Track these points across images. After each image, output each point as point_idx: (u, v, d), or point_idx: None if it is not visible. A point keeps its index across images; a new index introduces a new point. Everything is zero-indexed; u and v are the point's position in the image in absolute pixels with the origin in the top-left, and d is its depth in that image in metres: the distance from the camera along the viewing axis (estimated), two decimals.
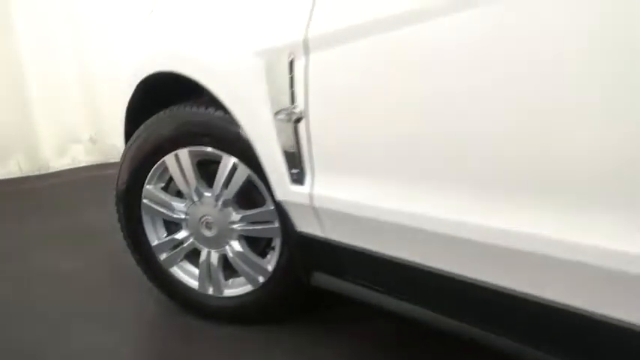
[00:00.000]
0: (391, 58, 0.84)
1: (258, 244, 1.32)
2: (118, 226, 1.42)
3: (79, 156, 3.10)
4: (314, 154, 0.99)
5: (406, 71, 0.83)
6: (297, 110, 0.99)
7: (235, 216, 1.28)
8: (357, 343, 1.28)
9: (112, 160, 2.93)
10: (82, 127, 3.07)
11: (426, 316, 0.99)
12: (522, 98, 0.70)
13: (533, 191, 0.72)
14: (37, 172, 3.02)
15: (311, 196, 1.02)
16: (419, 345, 1.25)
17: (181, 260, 1.42)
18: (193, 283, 1.41)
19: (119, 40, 2.94)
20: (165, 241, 1.40)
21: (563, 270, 0.70)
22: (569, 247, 0.69)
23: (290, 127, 1.00)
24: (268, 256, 1.31)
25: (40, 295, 1.61)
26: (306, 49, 0.94)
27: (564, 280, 0.72)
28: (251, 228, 1.28)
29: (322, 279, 1.17)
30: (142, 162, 1.34)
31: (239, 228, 1.29)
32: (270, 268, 1.29)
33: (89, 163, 3.10)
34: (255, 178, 1.19)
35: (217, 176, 1.25)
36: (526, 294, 0.77)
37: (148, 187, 1.36)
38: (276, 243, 1.26)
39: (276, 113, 1.02)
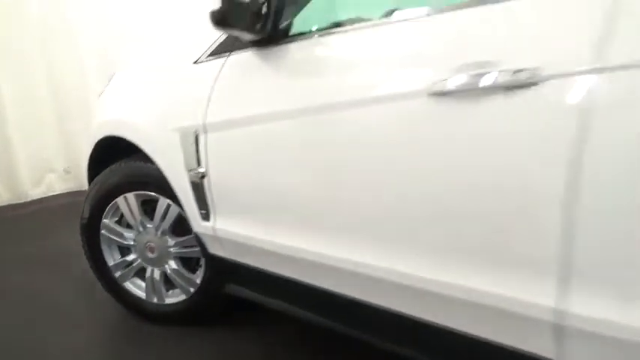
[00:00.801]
0: (255, 139, 1.30)
1: (190, 263, 1.76)
2: None
3: (54, 185, 3.51)
4: (214, 200, 1.44)
5: (265, 148, 1.29)
6: (201, 170, 1.44)
7: (171, 242, 1.72)
8: (267, 338, 1.72)
9: (84, 188, 3.33)
10: (56, 159, 3.48)
11: (306, 316, 1.42)
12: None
13: (366, 227, 1.12)
14: (16, 201, 3.42)
15: (214, 229, 1.47)
16: (319, 342, 1.69)
17: (132, 277, 1.85)
18: (142, 294, 1.83)
19: (93, 84, 3.38)
20: (119, 262, 1.83)
21: (379, 283, 1.14)
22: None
23: (198, 181, 1.45)
24: (197, 272, 1.74)
25: (15, 303, 2.02)
26: (205, 130, 1.40)
27: (384, 289, 1.13)
28: (183, 251, 1.72)
29: (232, 289, 1.62)
30: (99, 202, 1.78)
31: (174, 251, 1.73)
32: (198, 281, 1.72)
33: (63, 191, 3.50)
34: (183, 213, 1.63)
35: (156, 212, 1.70)
36: (355, 298, 1.19)
37: (105, 220, 1.80)
38: (202, 262, 1.70)
39: (189, 171, 1.47)
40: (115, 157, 1.78)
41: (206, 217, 1.48)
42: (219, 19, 1.12)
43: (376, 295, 1.16)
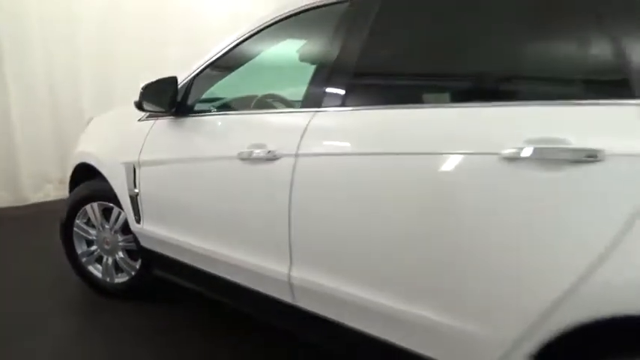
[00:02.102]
0: (166, 173, 2.13)
1: (133, 254, 2.57)
2: None
3: (50, 192, 4.36)
4: (143, 210, 2.26)
5: (171, 179, 2.11)
6: (136, 190, 2.27)
7: (120, 238, 2.54)
8: (177, 310, 2.51)
9: None
10: (53, 172, 4.33)
11: (207, 294, 2.20)
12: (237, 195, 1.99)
13: (232, 229, 1.94)
14: (19, 204, 4.28)
15: (143, 229, 2.28)
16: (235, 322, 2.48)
17: (93, 262, 2.66)
18: (99, 275, 2.64)
19: (86, 112, 4.26)
20: (85, 251, 2.64)
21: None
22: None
23: (134, 197, 2.28)
24: (137, 260, 2.55)
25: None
26: (139, 165, 2.23)
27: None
28: (128, 244, 2.53)
29: (158, 272, 2.42)
30: (74, 208, 2.60)
31: (122, 244, 2.54)
32: (137, 266, 2.53)
33: (57, 198, 4.35)
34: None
35: (111, 217, 2.52)
36: (231, 280, 1.95)
37: (77, 221, 2.62)
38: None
39: (129, 190, 2.30)
40: (86, 177, 2.62)
41: (138, 221, 2.30)
42: (139, 104, 1.96)
43: (245, 280, 1.90)
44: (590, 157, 1.03)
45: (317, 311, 1.60)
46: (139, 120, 2.31)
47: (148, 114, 2.26)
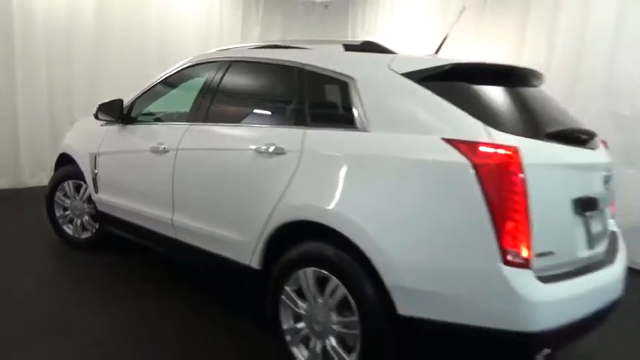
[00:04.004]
0: (113, 160, 3.38)
1: (94, 217, 3.80)
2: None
3: (44, 179, 5.62)
4: (99, 184, 3.50)
5: (116, 164, 3.36)
6: (96, 171, 3.51)
7: (86, 206, 3.78)
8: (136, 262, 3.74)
9: None
10: (47, 162, 5.60)
11: (146, 244, 3.42)
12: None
13: (156, 198, 3.15)
14: (19, 187, 5.56)
15: (99, 197, 3.52)
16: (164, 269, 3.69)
17: (67, 223, 3.90)
18: (70, 232, 3.88)
19: (77, 115, 5.55)
20: (61, 215, 3.89)
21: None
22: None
23: (94, 176, 3.52)
24: (97, 223, 3.79)
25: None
26: (98, 154, 3.48)
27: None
28: (91, 210, 3.77)
29: (111, 229, 3.64)
30: (55, 185, 3.86)
31: (87, 210, 3.78)
32: (97, 226, 3.77)
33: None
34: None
35: (81, 191, 3.77)
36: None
37: (57, 194, 3.87)
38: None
39: (91, 172, 3.55)
40: (66, 163, 3.87)
41: (97, 192, 3.54)
42: (95, 115, 3.23)
43: (152, 225, 3.12)
44: (281, 152, 2.26)
45: (186, 240, 2.82)
46: (101, 125, 3.55)
47: (105, 122, 3.50)
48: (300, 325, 2.20)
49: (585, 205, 2.01)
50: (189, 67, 3.13)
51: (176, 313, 2.84)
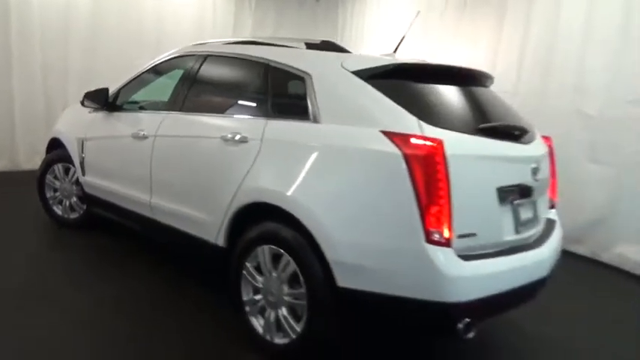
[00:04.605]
0: (99, 145, 3.61)
1: (82, 199, 4.04)
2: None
3: (38, 162, 5.83)
4: (86, 168, 3.73)
5: (102, 148, 3.59)
6: (83, 155, 3.75)
7: (74, 188, 4.02)
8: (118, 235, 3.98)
9: None
10: (41, 147, 5.81)
11: (127, 223, 3.66)
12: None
13: (138, 182, 3.38)
14: (15, 169, 5.80)
15: (85, 179, 3.76)
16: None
17: (56, 204, 4.14)
18: (60, 212, 4.12)
19: (72, 99, 5.76)
20: (51, 196, 4.12)
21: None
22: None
23: (81, 160, 3.75)
24: (84, 203, 4.03)
25: None
26: (85, 140, 3.71)
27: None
28: (79, 192, 4.01)
29: (96, 210, 3.88)
30: (46, 167, 4.09)
31: (75, 192, 4.02)
32: (84, 207, 4.01)
33: None
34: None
35: (70, 174, 4.01)
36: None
37: (48, 176, 4.10)
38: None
39: (79, 155, 3.78)
40: (56, 147, 4.10)
41: (83, 174, 3.77)
42: (81, 102, 3.45)
43: (132, 206, 3.35)
44: (245, 141, 2.49)
45: (162, 220, 3.05)
46: (89, 112, 3.78)
47: (92, 109, 3.73)
48: (258, 297, 2.44)
49: (512, 194, 2.24)
50: (170, 59, 3.34)
51: (161, 293, 3.06)
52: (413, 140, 1.97)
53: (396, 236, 1.97)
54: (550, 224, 2.72)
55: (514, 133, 2.33)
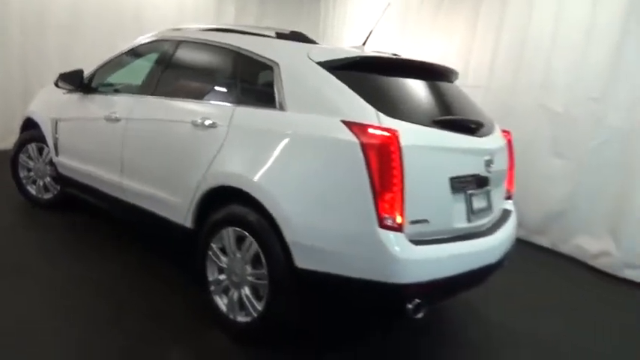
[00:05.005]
0: (72, 126, 3.64)
1: (55, 178, 4.06)
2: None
3: (13, 141, 5.82)
4: (59, 148, 3.76)
5: (74, 129, 3.62)
6: (57, 136, 3.77)
7: (47, 168, 4.04)
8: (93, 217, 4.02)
9: None
10: (18, 126, 5.80)
11: (99, 204, 3.70)
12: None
13: (110, 163, 3.41)
14: None
15: (58, 160, 3.79)
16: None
17: (30, 184, 4.16)
18: (34, 192, 4.14)
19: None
20: (25, 176, 4.14)
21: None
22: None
23: (55, 140, 3.78)
24: (58, 184, 4.05)
25: None
26: (59, 120, 3.73)
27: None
28: (52, 172, 4.03)
29: (69, 190, 3.92)
30: (20, 147, 4.10)
31: (49, 172, 4.04)
32: (58, 188, 4.04)
33: None
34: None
35: (44, 154, 4.03)
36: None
37: (21, 155, 4.12)
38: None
39: (52, 135, 3.80)
40: (31, 127, 4.11)
41: (57, 155, 3.80)
42: (55, 83, 3.47)
43: (105, 188, 3.41)
44: (213, 126, 2.56)
45: (133, 202, 3.12)
46: (63, 93, 3.79)
47: (67, 90, 3.74)
48: (222, 277, 2.53)
49: (465, 184, 2.36)
50: (146, 43, 3.38)
51: (133, 272, 3.14)
52: (370, 130, 2.07)
53: (352, 221, 2.08)
54: (505, 214, 2.85)
55: (470, 126, 2.45)
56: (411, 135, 2.11)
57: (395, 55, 3.04)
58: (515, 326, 3.03)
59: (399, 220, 2.04)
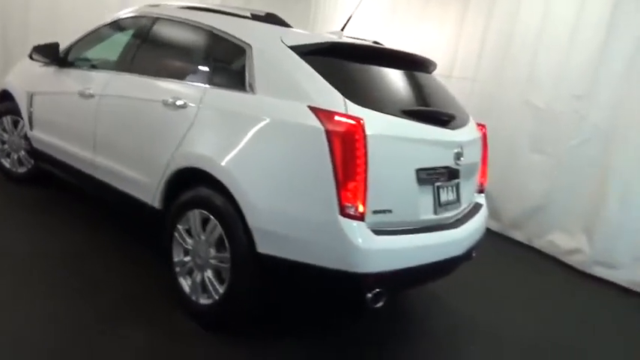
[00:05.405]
0: (47, 100, 3.57)
1: (30, 153, 4.00)
2: None
3: None
4: (34, 122, 3.70)
5: (49, 103, 3.56)
6: (31, 109, 3.71)
7: (22, 141, 3.97)
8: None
9: None
10: None
11: (69, 179, 3.66)
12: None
13: (83, 138, 3.36)
14: None
15: (33, 134, 3.73)
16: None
17: (4, 157, 4.09)
18: (8, 166, 4.08)
19: None
20: (2, 149, 4.08)
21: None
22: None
23: (30, 114, 3.71)
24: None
25: None
26: (34, 94, 3.66)
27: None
28: (27, 146, 3.97)
29: (41, 165, 3.86)
30: None
31: (24, 146, 3.98)
32: (33, 162, 3.98)
33: None
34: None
35: (19, 127, 3.96)
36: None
37: None
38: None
39: (27, 109, 3.73)
40: (7, 99, 4.03)
41: (31, 128, 3.74)
42: (30, 55, 3.40)
43: (77, 164, 3.36)
44: (183, 106, 2.52)
45: (104, 179, 3.08)
46: (40, 66, 3.72)
47: (44, 63, 3.67)
48: (187, 258, 2.52)
49: (433, 176, 2.35)
50: (124, 18, 3.32)
51: (101, 249, 3.13)
52: (336, 117, 2.04)
53: (313, 208, 2.06)
54: (476, 207, 2.86)
55: (440, 118, 2.43)
56: (378, 124, 2.09)
57: (375, 42, 3.02)
58: (481, 318, 3.06)
59: (361, 209, 2.03)
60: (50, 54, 3.49)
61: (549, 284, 3.89)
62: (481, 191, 3.00)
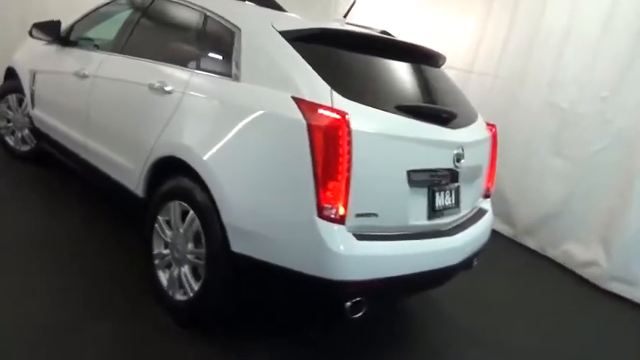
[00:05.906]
0: (50, 78, 3.49)
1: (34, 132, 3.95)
2: None
3: None
4: (36, 100, 3.63)
5: (52, 82, 3.48)
6: (33, 88, 3.64)
7: (26, 120, 3.92)
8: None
9: None
10: None
11: (66, 162, 3.58)
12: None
13: (78, 120, 3.28)
14: None
15: (34, 113, 3.66)
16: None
17: (9, 134, 4.05)
18: (12, 144, 4.04)
19: None
20: (4, 126, 4.03)
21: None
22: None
23: (32, 93, 3.65)
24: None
25: None
26: (36, 72, 3.59)
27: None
28: (30, 125, 3.91)
29: (43, 145, 3.80)
30: (0, 97, 3.99)
31: (27, 124, 3.93)
32: (35, 141, 3.93)
33: None
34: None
35: (23, 105, 3.90)
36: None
37: (1, 105, 4.00)
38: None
39: (30, 87, 3.67)
40: (13, 77, 3.98)
41: (33, 107, 3.67)
42: (30, 32, 3.31)
43: (70, 145, 3.28)
44: (169, 92, 2.38)
45: (93, 163, 2.98)
46: (43, 44, 3.64)
47: (47, 41, 3.58)
48: (166, 251, 2.39)
49: (428, 179, 2.15)
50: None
51: (96, 232, 3.08)
52: (319, 110, 1.86)
53: (290, 207, 1.90)
54: (479, 213, 2.64)
55: (440, 115, 2.23)
56: (366, 120, 1.90)
57: (384, 32, 2.81)
58: (484, 328, 2.86)
59: (341, 211, 1.85)
60: (51, 32, 3.39)
61: (561, 297, 3.63)
62: (487, 196, 2.78)
